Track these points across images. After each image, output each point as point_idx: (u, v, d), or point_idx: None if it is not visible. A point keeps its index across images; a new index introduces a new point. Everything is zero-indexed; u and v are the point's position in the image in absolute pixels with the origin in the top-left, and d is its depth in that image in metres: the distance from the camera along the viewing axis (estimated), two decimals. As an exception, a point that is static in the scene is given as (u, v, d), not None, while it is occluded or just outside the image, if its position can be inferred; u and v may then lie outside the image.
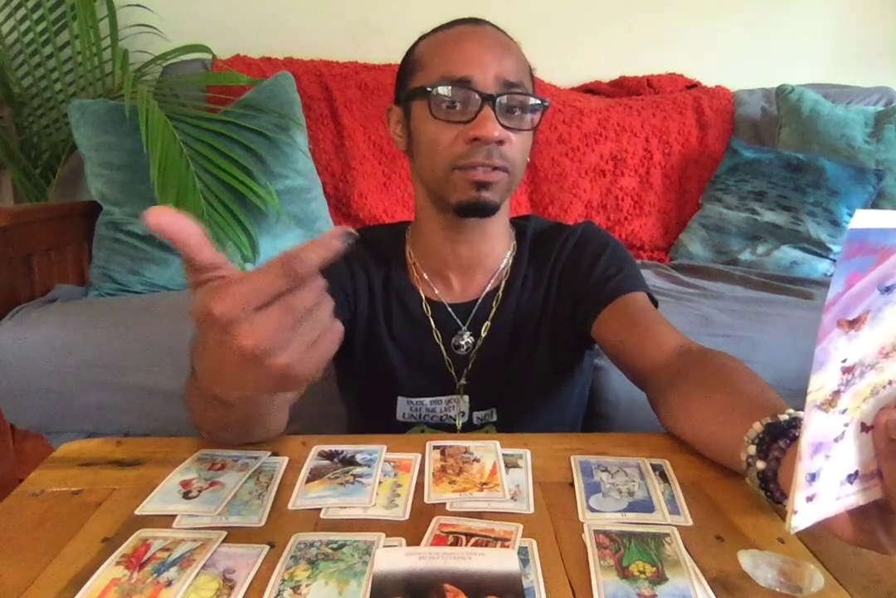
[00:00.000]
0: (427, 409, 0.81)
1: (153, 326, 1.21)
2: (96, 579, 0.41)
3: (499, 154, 0.70)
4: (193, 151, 1.43)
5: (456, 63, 0.70)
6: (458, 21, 0.75)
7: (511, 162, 0.72)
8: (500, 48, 0.72)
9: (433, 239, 0.80)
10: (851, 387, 0.32)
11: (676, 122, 1.86)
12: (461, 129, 0.70)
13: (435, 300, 0.81)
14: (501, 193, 0.73)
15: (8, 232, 1.29)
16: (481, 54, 0.70)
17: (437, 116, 0.70)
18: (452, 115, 0.70)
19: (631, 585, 0.40)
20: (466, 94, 0.69)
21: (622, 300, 0.75)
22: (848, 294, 0.28)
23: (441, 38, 0.73)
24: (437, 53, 0.72)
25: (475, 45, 0.71)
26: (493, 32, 0.74)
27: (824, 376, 0.30)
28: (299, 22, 1.95)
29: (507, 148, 0.71)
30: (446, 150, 0.71)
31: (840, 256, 0.27)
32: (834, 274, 0.28)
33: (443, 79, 0.70)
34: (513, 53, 0.73)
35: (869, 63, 2.08)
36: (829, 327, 0.29)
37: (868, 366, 0.32)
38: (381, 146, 1.77)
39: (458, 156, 0.70)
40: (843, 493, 0.34)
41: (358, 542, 0.44)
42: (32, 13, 1.74)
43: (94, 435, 1.18)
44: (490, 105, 0.69)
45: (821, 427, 0.32)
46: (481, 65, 0.69)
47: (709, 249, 1.74)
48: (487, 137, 0.68)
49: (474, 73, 0.69)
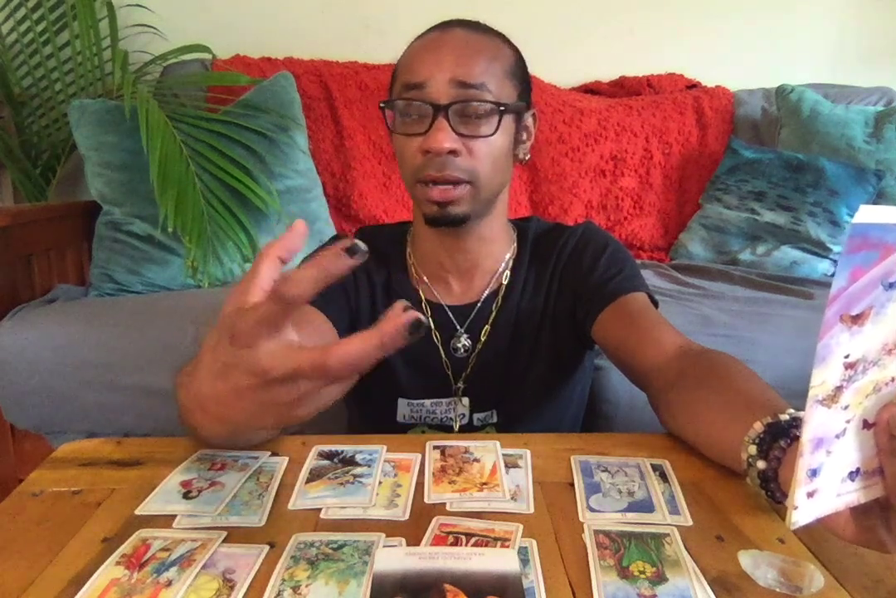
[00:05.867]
0: (427, 411, 0.81)
1: (153, 326, 1.21)
2: (96, 579, 0.40)
3: (454, 166, 0.69)
4: (193, 151, 1.43)
5: (412, 71, 0.69)
6: (435, 26, 0.74)
7: (471, 172, 0.70)
8: (463, 50, 0.69)
9: (429, 243, 0.80)
10: (853, 383, 0.31)
11: (676, 122, 1.86)
12: (418, 141, 0.69)
13: (434, 302, 0.81)
14: (466, 204, 0.72)
15: (8, 232, 1.29)
16: (439, 59, 0.68)
17: (397, 131, 0.71)
18: (411, 127, 0.70)
19: (631, 585, 0.40)
20: (420, 106, 0.68)
21: (622, 301, 0.74)
22: (851, 289, 0.28)
23: (411, 48, 0.73)
24: (403, 63, 0.72)
25: (432, 52, 0.69)
26: (461, 36, 0.71)
27: (826, 371, 0.30)
28: (299, 22, 1.95)
29: (463, 159, 0.69)
30: (408, 162, 0.71)
31: (843, 250, 0.27)
32: (837, 269, 0.28)
33: (403, 87, 0.70)
34: (479, 54, 0.69)
35: (869, 63, 2.08)
36: (832, 321, 0.29)
37: (870, 362, 0.32)
38: (381, 146, 1.77)
39: (417, 169, 0.70)
40: (844, 490, 0.34)
41: (358, 542, 0.44)
42: (32, 13, 1.74)
43: (94, 435, 1.18)
44: (443, 115, 0.67)
45: (822, 423, 0.31)
46: (435, 69, 0.68)
47: (709, 249, 1.74)
48: (437, 148, 0.67)
49: (427, 77, 0.68)
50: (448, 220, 0.72)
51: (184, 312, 1.24)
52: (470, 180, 0.70)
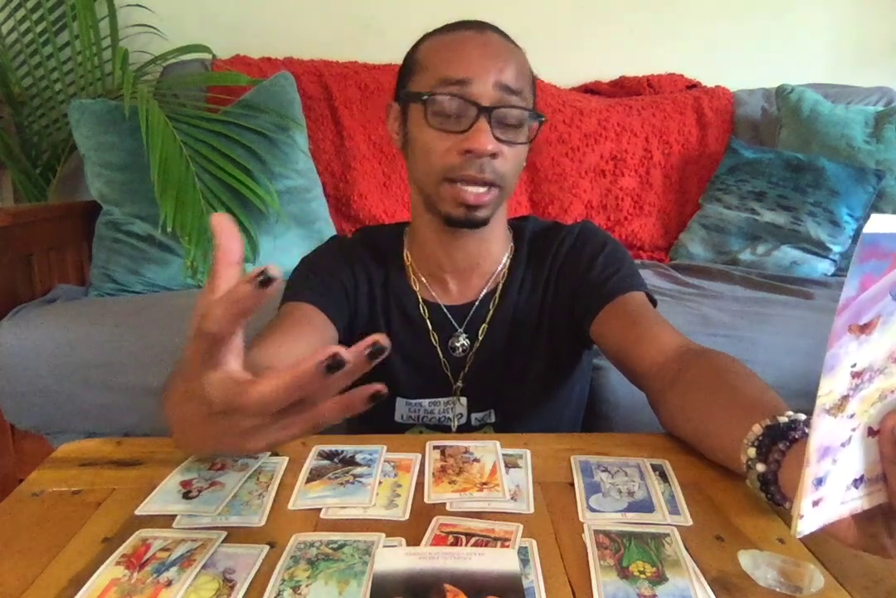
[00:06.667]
0: (425, 410, 0.81)
1: (153, 326, 1.21)
2: (96, 579, 0.40)
3: (491, 168, 0.69)
4: (193, 151, 1.43)
5: (455, 67, 0.69)
6: (462, 24, 0.73)
7: (502, 176, 0.70)
8: (503, 54, 0.70)
9: (428, 242, 0.80)
10: (860, 392, 0.31)
11: (676, 122, 1.86)
12: (455, 139, 0.68)
13: (432, 302, 0.81)
14: (492, 208, 0.73)
15: (8, 232, 1.29)
16: (482, 59, 0.69)
17: (432, 125, 0.69)
18: (447, 124, 0.69)
19: (631, 585, 0.40)
20: (463, 104, 0.68)
21: (620, 300, 0.74)
22: (860, 298, 0.28)
23: (444, 41, 0.72)
24: (437, 56, 0.71)
25: (477, 50, 0.69)
26: (497, 39, 0.72)
27: (834, 381, 0.30)
28: (299, 22, 1.94)
29: (499, 162, 0.69)
30: (439, 159, 0.70)
31: (853, 259, 0.27)
32: (847, 277, 0.28)
33: (441, 82, 0.68)
34: (515, 61, 0.71)
35: (869, 63, 2.08)
36: (841, 331, 0.29)
37: (877, 371, 0.31)
38: (381, 146, 1.77)
39: (451, 167, 0.69)
40: (848, 497, 0.34)
41: (358, 542, 0.44)
42: (32, 13, 1.74)
43: (94, 435, 1.18)
44: (486, 117, 0.67)
45: (829, 432, 0.31)
46: (481, 70, 0.68)
47: (709, 249, 1.74)
48: (481, 149, 0.67)
49: (473, 77, 0.68)
50: (473, 223, 0.72)
51: (184, 312, 1.23)
52: (500, 185, 0.71)
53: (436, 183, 0.71)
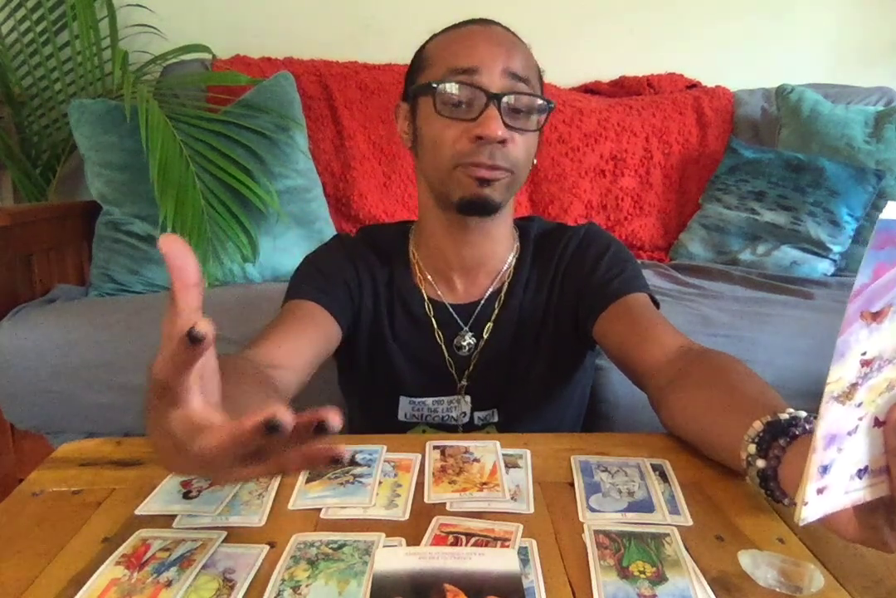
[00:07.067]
0: (429, 409, 0.81)
1: (153, 326, 1.21)
2: (96, 579, 0.41)
3: (502, 155, 0.70)
4: (193, 151, 1.43)
5: (463, 57, 0.69)
6: (468, 21, 0.75)
7: (513, 162, 0.71)
8: (510, 44, 0.72)
9: (436, 239, 0.80)
10: (868, 380, 0.31)
11: (676, 122, 1.86)
12: (465, 126, 0.69)
13: (437, 301, 0.81)
14: (503, 191, 0.73)
15: (8, 232, 1.29)
16: (489, 48, 0.70)
17: (442, 113, 0.70)
18: (457, 112, 0.70)
19: (631, 585, 0.40)
20: (472, 92, 0.68)
21: (624, 301, 0.74)
22: (874, 286, 0.28)
23: (451, 37, 0.73)
24: (445, 50, 0.72)
25: (484, 40, 0.71)
26: (503, 31, 0.74)
27: (843, 368, 0.30)
28: (299, 22, 1.94)
29: (510, 148, 0.70)
30: (450, 147, 0.70)
31: (869, 246, 0.27)
32: (862, 264, 0.27)
33: (450, 71, 0.69)
34: (522, 51, 0.73)
35: (869, 63, 2.08)
36: (853, 317, 0.29)
37: (886, 360, 0.31)
38: (381, 146, 1.77)
39: (462, 154, 0.69)
40: (851, 488, 0.34)
41: (358, 542, 0.44)
42: (32, 13, 1.74)
43: (94, 435, 1.17)
44: (495, 104, 0.68)
45: (836, 419, 0.31)
46: (489, 58, 0.69)
47: (709, 249, 1.73)
48: (491, 136, 0.67)
49: (479, 64, 0.69)
50: (482, 202, 0.72)
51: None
52: (511, 170, 0.71)
53: (448, 170, 0.71)
